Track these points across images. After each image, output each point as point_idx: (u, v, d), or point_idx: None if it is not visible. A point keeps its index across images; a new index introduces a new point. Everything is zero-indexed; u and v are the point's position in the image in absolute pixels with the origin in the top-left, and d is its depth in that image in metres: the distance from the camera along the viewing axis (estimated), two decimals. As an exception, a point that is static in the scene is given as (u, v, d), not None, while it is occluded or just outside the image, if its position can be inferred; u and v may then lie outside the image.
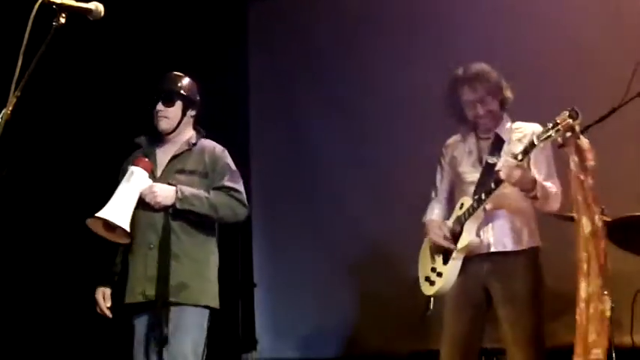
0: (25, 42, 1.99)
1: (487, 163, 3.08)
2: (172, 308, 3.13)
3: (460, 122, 3.20)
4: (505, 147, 3.07)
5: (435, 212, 3.27)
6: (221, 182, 3.26)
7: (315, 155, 5.07)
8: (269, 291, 5.21)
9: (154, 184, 3.17)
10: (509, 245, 3.02)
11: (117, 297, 3.30)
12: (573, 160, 2.55)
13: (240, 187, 3.30)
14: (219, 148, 3.35)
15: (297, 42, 5.26)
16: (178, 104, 3.29)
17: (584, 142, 2.57)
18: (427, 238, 3.22)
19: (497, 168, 2.95)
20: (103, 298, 3.26)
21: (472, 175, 3.13)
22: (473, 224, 3.01)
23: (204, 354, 3.20)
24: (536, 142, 2.74)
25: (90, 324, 3.59)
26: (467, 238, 3.01)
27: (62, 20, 2.12)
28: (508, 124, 3.15)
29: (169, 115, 3.28)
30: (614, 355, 3.03)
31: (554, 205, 3.01)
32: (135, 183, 3.15)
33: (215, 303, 3.27)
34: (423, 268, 3.22)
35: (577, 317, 2.46)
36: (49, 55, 2.09)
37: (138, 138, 3.39)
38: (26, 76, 1.97)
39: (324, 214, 4.92)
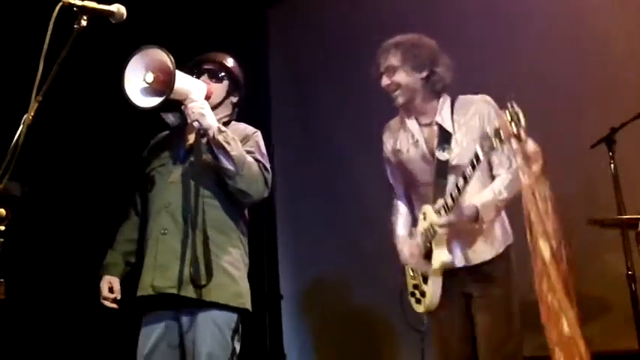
0: (46, 46, 1.93)
1: (438, 160, 2.78)
2: (186, 310, 2.71)
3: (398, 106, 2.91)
4: (456, 137, 2.77)
5: (400, 223, 2.99)
6: (250, 153, 2.86)
7: (342, 165, 4.93)
8: (295, 303, 5.11)
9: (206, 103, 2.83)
10: (484, 256, 2.79)
11: (130, 291, 2.86)
12: (521, 168, 2.21)
13: (268, 166, 2.89)
14: (251, 128, 3.00)
15: (316, 43, 5.21)
16: (225, 84, 3.01)
17: (530, 146, 2.23)
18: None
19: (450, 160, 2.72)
20: (111, 288, 2.85)
21: (424, 172, 2.84)
22: (442, 239, 2.76)
23: None
24: (481, 156, 2.50)
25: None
26: (439, 258, 2.76)
27: (84, 23, 2.07)
28: (446, 108, 2.83)
29: (213, 91, 2.94)
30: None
31: (518, 187, 2.62)
32: (198, 82, 2.87)
33: (240, 302, 2.77)
34: (409, 284, 2.99)
35: None
36: (71, 59, 2.03)
37: (164, 114, 2.99)
38: (48, 80, 1.91)
39: (352, 225, 4.77)
